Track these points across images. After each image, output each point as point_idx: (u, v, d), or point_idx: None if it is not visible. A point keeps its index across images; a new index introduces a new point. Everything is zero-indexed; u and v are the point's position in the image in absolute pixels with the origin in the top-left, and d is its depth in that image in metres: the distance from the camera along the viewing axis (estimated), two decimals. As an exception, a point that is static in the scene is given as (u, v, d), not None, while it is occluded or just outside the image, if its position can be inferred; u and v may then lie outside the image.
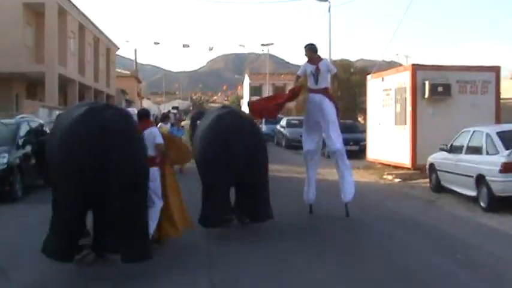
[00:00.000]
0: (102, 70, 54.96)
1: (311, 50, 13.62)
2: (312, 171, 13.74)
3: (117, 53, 66.22)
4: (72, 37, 44.05)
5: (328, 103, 13.28)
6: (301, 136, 33.88)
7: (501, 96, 58.06)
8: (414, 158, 20.87)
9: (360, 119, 49.76)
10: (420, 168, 19.87)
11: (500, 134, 14.66)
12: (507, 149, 13.95)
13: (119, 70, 69.79)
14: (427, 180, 18.35)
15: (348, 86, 52.52)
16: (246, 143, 11.05)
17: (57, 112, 27.10)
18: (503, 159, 13.76)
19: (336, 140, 13.25)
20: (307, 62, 13.62)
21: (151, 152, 9.59)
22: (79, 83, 45.17)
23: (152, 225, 9.37)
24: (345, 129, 18.49)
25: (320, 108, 13.25)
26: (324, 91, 13.42)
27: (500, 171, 13.70)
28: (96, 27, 52.01)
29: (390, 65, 63.55)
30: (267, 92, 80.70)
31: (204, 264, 9.30)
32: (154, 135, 10.03)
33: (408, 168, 21.34)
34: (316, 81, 13.36)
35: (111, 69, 60.06)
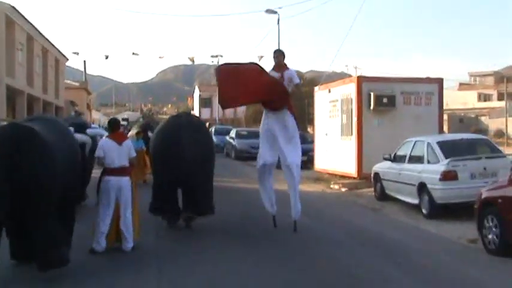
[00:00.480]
0: (51, 81, 54.59)
1: (282, 55, 13.07)
2: (269, 183, 13.15)
3: (67, 64, 65.80)
4: (20, 48, 43.71)
5: (289, 116, 12.63)
6: (252, 147, 33.96)
7: (449, 107, 58.89)
8: (360, 168, 21.36)
9: (309, 129, 50.40)
10: (366, 177, 20.30)
11: (441, 144, 15.25)
12: (447, 158, 14.53)
13: (68, 81, 69.29)
14: (373, 189, 18.86)
15: (298, 96, 53.17)
16: (195, 140, 12.44)
17: (4, 123, 26.89)
18: (442, 168, 14.33)
19: (290, 153, 12.54)
20: (272, 69, 12.92)
21: (128, 163, 10.71)
22: (28, 95, 44.83)
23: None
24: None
25: (282, 121, 12.58)
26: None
27: (440, 180, 14.27)
28: (45, 38, 51.67)
29: (341, 76, 64.52)
30: (216, 103, 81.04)
31: (153, 267, 9.67)
32: (129, 147, 10.92)
33: (354, 178, 21.84)
34: None
35: (60, 80, 59.67)
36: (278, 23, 43.69)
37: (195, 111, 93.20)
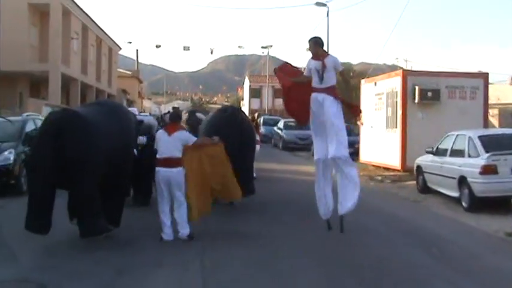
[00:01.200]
0: (104, 70, 55.73)
1: (316, 43, 11.95)
2: (325, 182, 12.16)
3: (120, 52, 66.96)
4: (75, 37, 44.80)
5: (331, 102, 11.61)
6: (299, 139, 34.32)
7: (501, 101, 58.43)
8: (404, 161, 21.64)
9: (358, 121, 50.54)
10: (410, 170, 20.54)
11: (482, 138, 15.45)
12: (487, 152, 14.75)
13: (121, 70, 70.46)
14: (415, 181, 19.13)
15: (347, 89, 53.33)
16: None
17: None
18: (483, 162, 14.55)
19: (337, 145, 11.53)
20: (312, 58, 11.95)
21: (179, 154, 10.88)
22: (81, 83, 45.96)
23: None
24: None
25: (323, 108, 11.67)
26: (329, 90, 11.66)
27: (480, 173, 14.48)
28: (100, 28, 52.76)
29: (392, 69, 64.37)
30: (266, 94, 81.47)
31: (197, 251, 10.12)
32: (181, 138, 11.01)
33: (398, 170, 22.14)
34: (321, 79, 11.66)
35: (113, 69, 60.80)
36: (327, 15, 44.03)
37: (245, 101, 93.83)
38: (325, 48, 12.56)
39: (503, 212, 13.77)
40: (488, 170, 14.42)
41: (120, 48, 64.41)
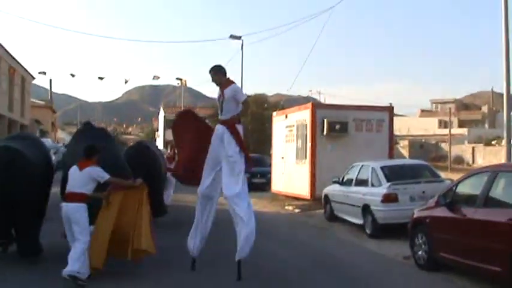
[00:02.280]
0: (16, 100, 54.99)
1: (218, 72, 11.17)
2: (202, 218, 11.37)
3: (33, 82, 66.20)
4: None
5: (228, 137, 10.80)
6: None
7: (411, 133, 60.21)
8: (313, 190, 22.41)
9: (272, 152, 51.52)
10: (319, 199, 21.27)
11: (384, 168, 16.39)
12: (389, 181, 15.68)
13: (34, 100, 69.59)
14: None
15: (262, 120, 54.32)
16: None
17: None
18: (384, 191, 15.46)
19: (228, 184, 10.73)
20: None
21: (84, 190, 10.30)
22: (-7, 113, 45.35)
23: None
24: (253, 162, 19.69)
25: (222, 141, 10.85)
26: (228, 122, 10.89)
27: (382, 201, 15.38)
28: (12, 57, 52.18)
29: (306, 100, 65.70)
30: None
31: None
32: (91, 173, 10.43)
33: (308, 200, 22.93)
34: (221, 110, 11.01)
35: (26, 99, 60.05)
36: (242, 48, 44.90)
37: (160, 132, 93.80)
38: (230, 76, 11.52)
39: (403, 237, 14.61)
40: (389, 198, 15.32)
41: (34, 78, 63.63)
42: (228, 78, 11.23)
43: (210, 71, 11.20)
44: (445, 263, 11.09)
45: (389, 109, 24.44)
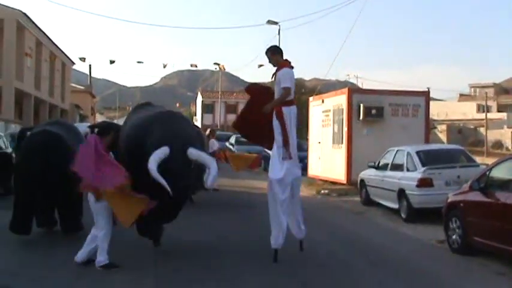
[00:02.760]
0: (57, 85, 55.84)
1: (271, 53, 11.10)
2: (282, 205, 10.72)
3: (73, 66, 67.08)
4: (29, 53, 45.01)
5: (274, 120, 10.77)
6: (250, 153, 34.97)
7: (449, 117, 60.20)
8: (349, 175, 22.55)
9: (308, 137, 51.59)
10: (355, 184, 21.39)
11: (419, 153, 16.48)
12: (424, 166, 15.78)
13: (73, 85, 70.47)
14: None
15: (299, 105, 54.39)
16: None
17: (13, 126, 28.01)
18: (419, 175, 15.57)
19: (274, 167, 10.78)
20: None
21: None
22: (35, 97, 46.05)
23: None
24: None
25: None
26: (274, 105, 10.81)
27: (417, 186, 15.50)
28: (53, 43, 52.96)
29: (343, 85, 65.79)
30: (219, 110, 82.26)
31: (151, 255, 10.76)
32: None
33: (344, 184, 23.07)
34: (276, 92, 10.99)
35: (66, 84, 60.93)
36: (279, 33, 45.02)
37: (198, 117, 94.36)
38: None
39: (438, 222, 14.71)
40: (424, 183, 15.43)
41: (74, 64, 64.51)
42: (286, 60, 11.07)
43: (266, 52, 11.11)
44: (478, 247, 11.20)
45: (426, 94, 24.43)
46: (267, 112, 10.79)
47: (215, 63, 72.72)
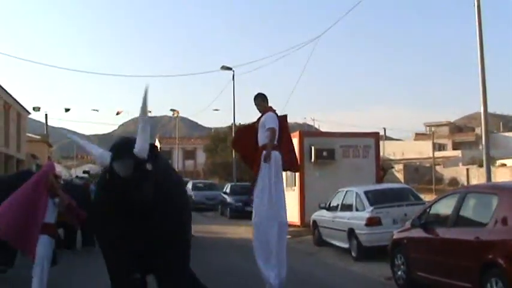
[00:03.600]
0: (12, 135, 55.50)
1: (262, 99, 11.75)
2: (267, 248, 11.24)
3: (28, 117, 66.78)
4: (-17, 104, 44.87)
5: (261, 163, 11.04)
6: (207, 199, 34.87)
7: (405, 156, 60.91)
8: (302, 216, 22.97)
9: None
10: (309, 225, 21.79)
11: (367, 193, 16.96)
12: (372, 205, 16.23)
13: (30, 134, 70.03)
14: (313, 235, 20.44)
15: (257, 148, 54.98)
16: None
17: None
18: (367, 215, 16.03)
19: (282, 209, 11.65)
20: None
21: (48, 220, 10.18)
22: (-11, 148, 45.82)
23: None
24: (244, 191, 20.07)
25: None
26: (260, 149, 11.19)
27: (366, 225, 15.94)
28: (8, 93, 52.80)
29: (302, 127, 66.62)
30: (177, 156, 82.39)
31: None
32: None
33: (298, 226, 23.41)
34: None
35: (21, 134, 60.52)
36: (233, 78, 45.55)
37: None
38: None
39: (387, 259, 15.10)
40: (373, 221, 15.88)
41: (29, 113, 64.26)
42: (270, 106, 11.68)
43: (255, 98, 11.76)
44: (422, 281, 11.59)
45: (375, 135, 25.13)
46: (268, 158, 10.96)
47: (171, 110, 73.25)
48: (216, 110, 76.44)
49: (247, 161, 12.50)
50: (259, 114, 11.59)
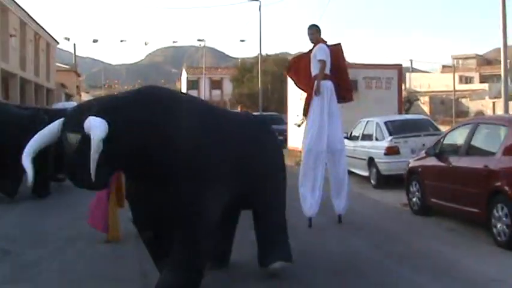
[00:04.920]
0: (42, 65, 56.31)
1: (315, 30, 12.12)
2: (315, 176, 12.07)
3: (58, 46, 67.52)
4: (13, 34, 45.54)
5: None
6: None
7: (431, 89, 60.91)
8: (325, 146, 23.55)
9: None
10: (331, 154, 22.47)
11: (387, 123, 17.56)
12: (391, 135, 16.84)
13: (59, 64, 70.86)
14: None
15: (282, 79, 55.45)
16: None
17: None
18: (387, 144, 16.67)
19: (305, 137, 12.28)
20: None
21: None
22: (20, 78, 46.65)
23: None
24: (271, 121, 20.76)
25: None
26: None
27: (385, 154, 16.60)
28: (37, 24, 53.43)
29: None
30: (203, 86, 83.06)
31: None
32: None
33: (321, 154, 24.06)
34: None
35: (51, 64, 61.36)
36: (259, 9, 45.92)
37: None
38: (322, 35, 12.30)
39: (404, 186, 15.81)
40: (391, 151, 16.53)
41: (58, 43, 65.00)
42: (322, 39, 12.08)
43: (309, 29, 12.13)
44: (434, 207, 12.30)
45: (398, 67, 25.46)
46: (318, 91, 11.64)
47: (199, 40, 73.66)
48: (243, 40, 76.66)
49: (302, 87, 13.06)
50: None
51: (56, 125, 6.44)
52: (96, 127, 5.91)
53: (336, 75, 11.93)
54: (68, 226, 11.84)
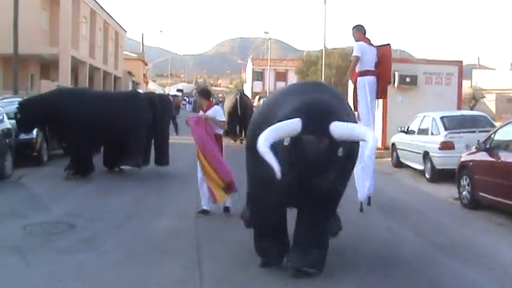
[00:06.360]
0: (110, 53, 57.66)
1: (356, 30, 12.35)
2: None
3: (126, 35, 68.90)
4: (84, 21, 46.79)
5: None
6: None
7: (499, 87, 59.79)
8: (384, 139, 23.83)
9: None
10: (389, 147, 22.75)
11: (443, 118, 17.74)
12: (446, 130, 17.07)
13: (126, 52, 72.22)
14: (394, 158, 21.43)
15: (346, 73, 55.44)
16: None
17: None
18: (442, 139, 16.88)
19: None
20: None
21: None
22: (89, 65, 47.89)
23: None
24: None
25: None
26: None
27: (440, 149, 16.82)
28: (107, 13, 54.73)
29: (394, 53, 66.02)
30: (268, 77, 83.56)
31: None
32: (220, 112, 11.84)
33: (379, 148, 24.32)
34: None
35: (119, 52, 62.74)
36: (325, 2, 46.14)
37: (248, 84, 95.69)
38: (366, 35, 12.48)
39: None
40: (446, 145, 16.73)
41: (126, 32, 66.40)
42: (364, 36, 12.27)
43: (353, 28, 12.37)
44: (484, 202, 12.52)
45: (459, 63, 25.49)
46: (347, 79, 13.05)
47: (265, 32, 74.18)
48: (308, 33, 76.81)
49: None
50: (351, 39, 12.48)
51: (295, 124, 6.47)
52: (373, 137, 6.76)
53: (380, 74, 12.23)
54: (129, 205, 12.59)
